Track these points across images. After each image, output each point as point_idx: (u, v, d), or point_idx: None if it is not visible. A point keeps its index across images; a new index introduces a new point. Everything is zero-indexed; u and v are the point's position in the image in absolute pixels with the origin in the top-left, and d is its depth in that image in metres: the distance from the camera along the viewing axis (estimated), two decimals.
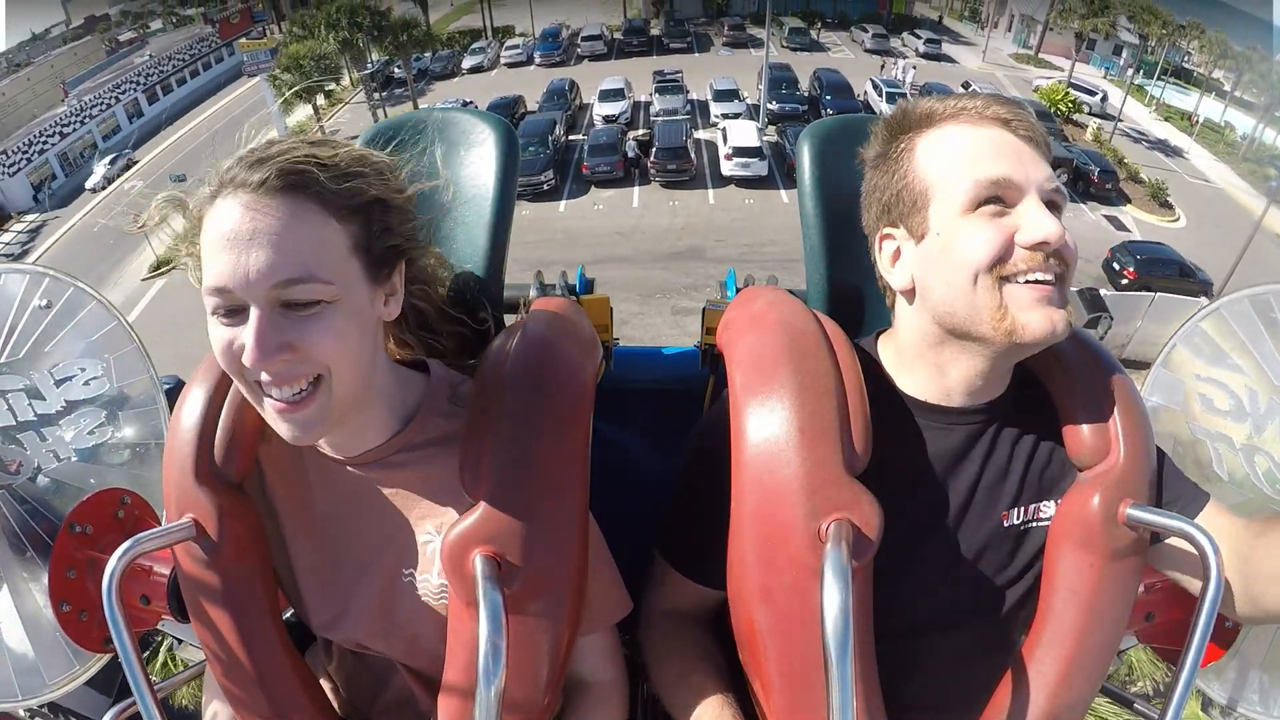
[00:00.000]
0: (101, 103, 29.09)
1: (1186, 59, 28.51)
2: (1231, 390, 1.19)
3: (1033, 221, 0.82)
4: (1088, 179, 21.88)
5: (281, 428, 0.80)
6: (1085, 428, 0.93)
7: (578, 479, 0.88)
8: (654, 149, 22.35)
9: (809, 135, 1.15)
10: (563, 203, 21.59)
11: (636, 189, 22.05)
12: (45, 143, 26.59)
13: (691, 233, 19.54)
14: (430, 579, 0.91)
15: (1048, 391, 0.96)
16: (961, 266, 0.84)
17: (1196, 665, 0.81)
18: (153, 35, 33.39)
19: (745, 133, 22.81)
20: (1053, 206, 0.84)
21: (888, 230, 0.93)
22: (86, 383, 1.23)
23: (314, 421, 0.80)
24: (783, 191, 21.33)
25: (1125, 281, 16.52)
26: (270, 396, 0.78)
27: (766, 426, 0.86)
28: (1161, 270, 16.80)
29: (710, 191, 21.81)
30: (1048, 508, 0.96)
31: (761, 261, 17.25)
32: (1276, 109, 24.23)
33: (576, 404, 0.90)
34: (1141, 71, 28.83)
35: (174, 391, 1.15)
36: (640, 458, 1.47)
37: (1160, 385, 1.23)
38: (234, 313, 0.75)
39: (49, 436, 1.22)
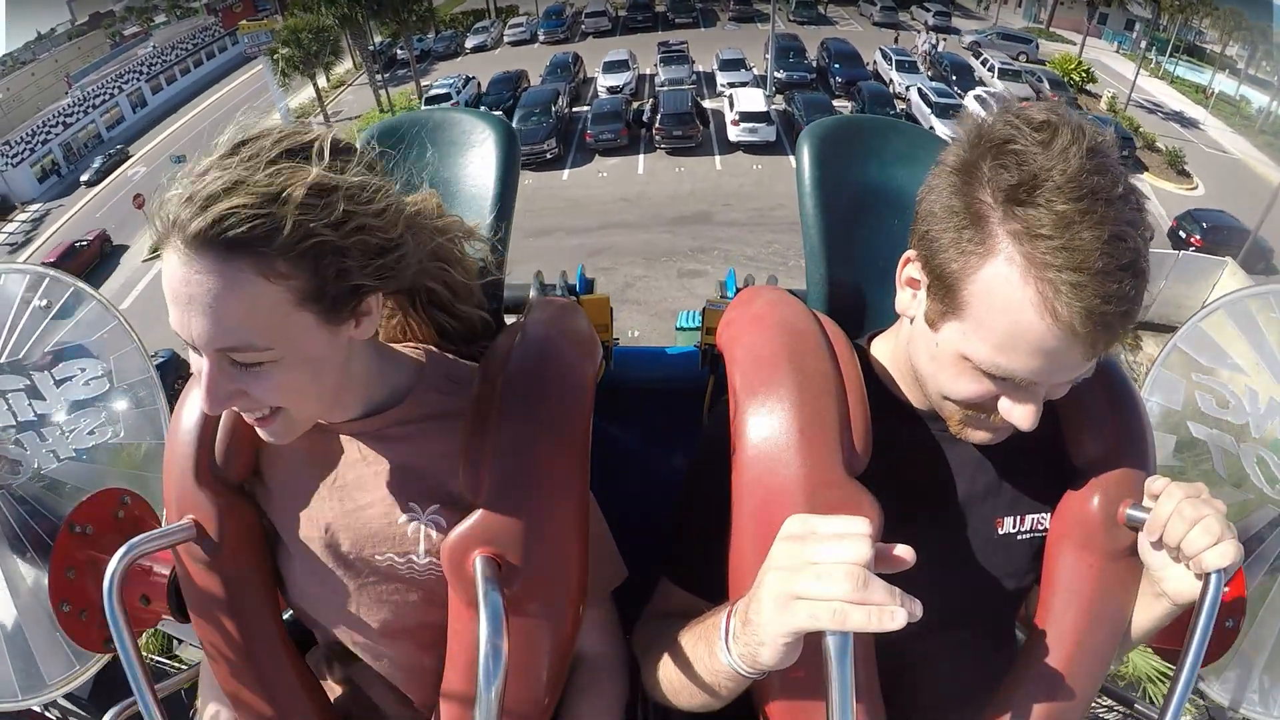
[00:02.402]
0: (105, 92, 28.97)
1: (1199, 37, 28.19)
2: (1231, 390, 1.19)
3: (1019, 414, 0.80)
4: None
5: (258, 430, 0.83)
6: (1085, 428, 0.93)
7: (578, 480, 0.88)
8: (659, 115, 21.91)
9: (809, 135, 1.15)
10: (566, 171, 21.34)
11: (641, 156, 21.71)
12: (49, 133, 26.48)
13: (698, 198, 19.24)
14: (415, 559, 0.91)
15: None
16: (939, 384, 0.85)
17: (1196, 665, 0.80)
18: (156, 28, 33.33)
19: (752, 99, 22.48)
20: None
21: (918, 263, 0.84)
22: (86, 383, 1.23)
23: (282, 434, 0.83)
24: (791, 157, 20.62)
25: (1193, 249, 16.23)
26: None
27: (766, 427, 0.85)
28: (1225, 237, 16.64)
29: (717, 158, 21.46)
30: (1044, 520, 0.95)
31: (771, 225, 17.15)
32: None
33: (576, 404, 0.90)
34: (1154, 49, 28.57)
35: (167, 365, 1.15)
36: (640, 458, 1.47)
37: (1160, 385, 1.23)
38: (195, 349, 0.75)
39: (49, 436, 1.22)
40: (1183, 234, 17.14)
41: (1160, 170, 21.69)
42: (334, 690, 1.10)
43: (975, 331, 0.77)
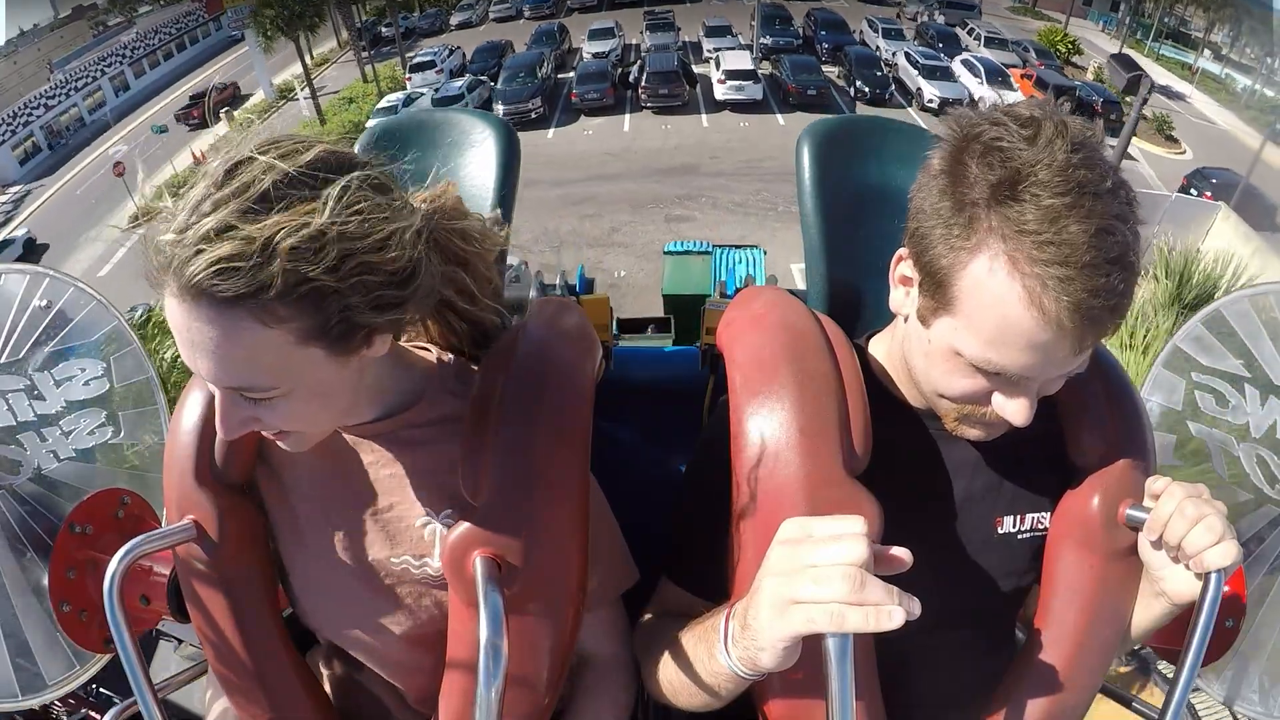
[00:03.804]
0: (87, 75, 28.91)
1: (1183, 25, 28.27)
2: (1231, 390, 1.20)
3: (1013, 408, 0.80)
4: (1091, 109, 21.42)
5: (277, 442, 0.84)
6: (1084, 428, 0.93)
7: (577, 480, 0.88)
8: (645, 74, 22.03)
9: (809, 135, 1.15)
10: (551, 130, 21.49)
11: (627, 116, 21.85)
12: (30, 115, 26.46)
13: (685, 152, 19.35)
14: (430, 562, 0.91)
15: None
16: (933, 381, 0.86)
17: (1196, 665, 0.81)
18: (139, 17, 33.30)
19: (738, 59, 22.73)
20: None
21: (910, 260, 0.84)
22: (86, 383, 1.23)
23: (298, 446, 0.84)
24: (779, 115, 21.21)
25: None
26: None
27: (766, 427, 0.85)
28: (1234, 194, 16.79)
29: (704, 116, 21.61)
30: (1044, 519, 0.95)
31: (759, 175, 17.33)
32: (1271, 63, 23.94)
33: (576, 405, 0.90)
34: (1140, 32, 28.70)
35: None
36: (640, 458, 1.47)
37: (1160, 385, 1.23)
38: None
39: (49, 436, 1.22)
40: (1194, 191, 17.41)
41: (1148, 135, 21.85)
42: (334, 690, 1.10)
43: (966, 327, 0.77)
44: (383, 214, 0.73)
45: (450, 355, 0.97)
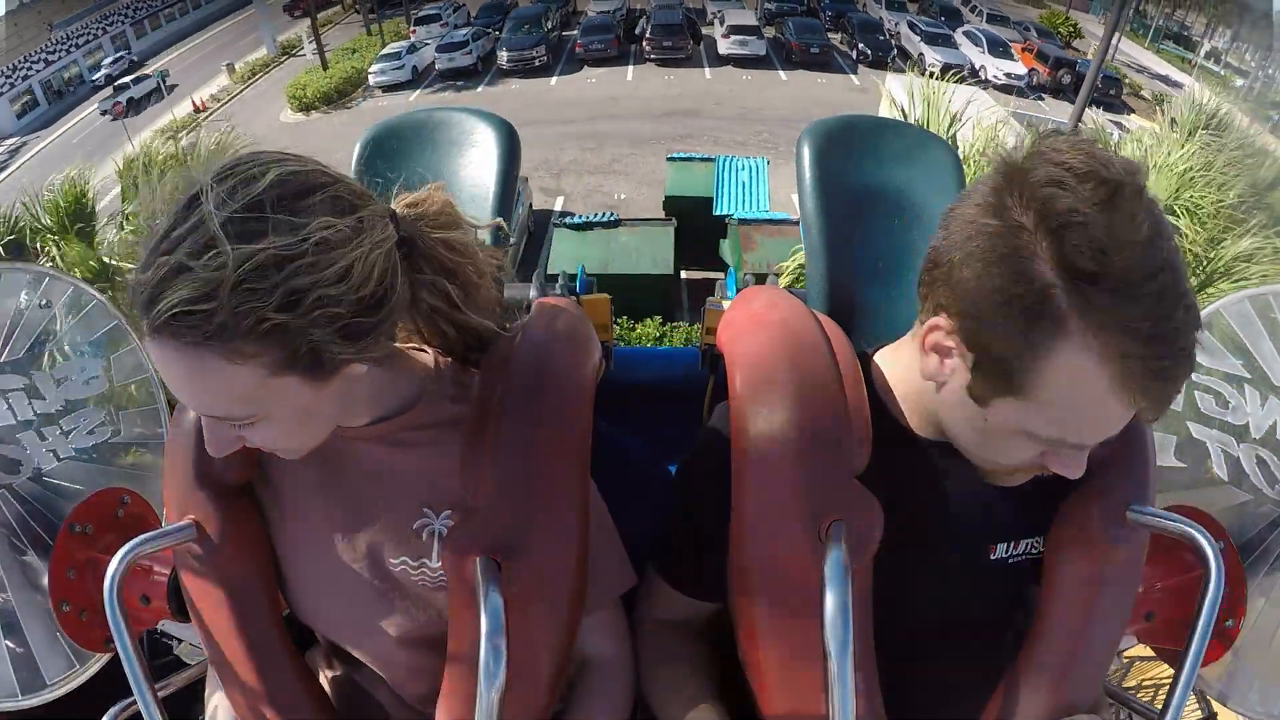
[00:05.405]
0: (88, 33, 28.91)
1: (1185, 30, 28.56)
2: (1231, 390, 1.20)
3: (1071, 468, 0.79)
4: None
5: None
6: None
7: (578, 481, 0.88)
8: (650, 26, 22.43)
9: (809, 135, 1.15)
10: (554, 78, 21.99)
11: (631, 67, 22.29)
12: (29, 69, 26.50)
13: (688, 99, 19.84)
14: (428, 564, 0.91)
15: None
16: (987, 453, 0.84)
17: (1196, 665, 0.81)
18: None
19: (742, 15, 23.21)
20: None
21: (949, 330, 0.77)
22: (86, 383, 1.23)
23: (291, 454, 0.84)
24: (781, 72, 21.71)
25: None
26: None
27: (766, 427, 0.85)
28: None
29: (707, 70, 22.05)
30: (1037, 544, 0.95)
31: (760, 119, 17.82)
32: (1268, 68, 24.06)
33: (576, 406, 0.90)
34: (1140, 30, 28.93)
35: None
36: (639, 458, 1.47)
37: None
38: None
39: (49, 436, 1.22)
40: None
41: (1146, 113, 22.06)
42: (333, 690, 1.10)
43: (1040, 412, 0.73)
44: (345, 240, 0.70)
45: (448, 357, 0.97)
